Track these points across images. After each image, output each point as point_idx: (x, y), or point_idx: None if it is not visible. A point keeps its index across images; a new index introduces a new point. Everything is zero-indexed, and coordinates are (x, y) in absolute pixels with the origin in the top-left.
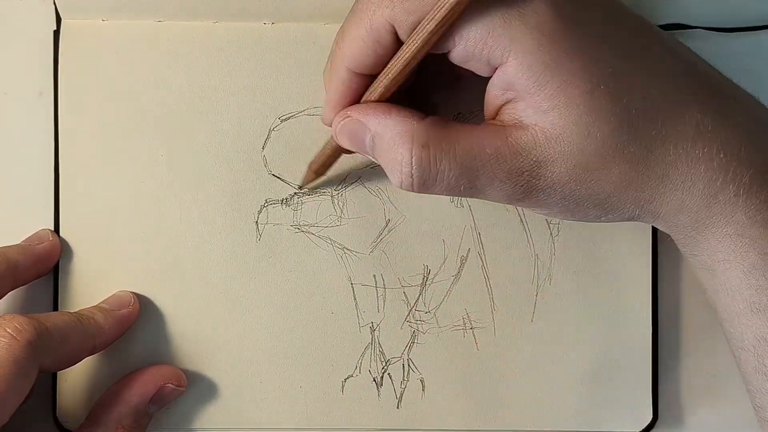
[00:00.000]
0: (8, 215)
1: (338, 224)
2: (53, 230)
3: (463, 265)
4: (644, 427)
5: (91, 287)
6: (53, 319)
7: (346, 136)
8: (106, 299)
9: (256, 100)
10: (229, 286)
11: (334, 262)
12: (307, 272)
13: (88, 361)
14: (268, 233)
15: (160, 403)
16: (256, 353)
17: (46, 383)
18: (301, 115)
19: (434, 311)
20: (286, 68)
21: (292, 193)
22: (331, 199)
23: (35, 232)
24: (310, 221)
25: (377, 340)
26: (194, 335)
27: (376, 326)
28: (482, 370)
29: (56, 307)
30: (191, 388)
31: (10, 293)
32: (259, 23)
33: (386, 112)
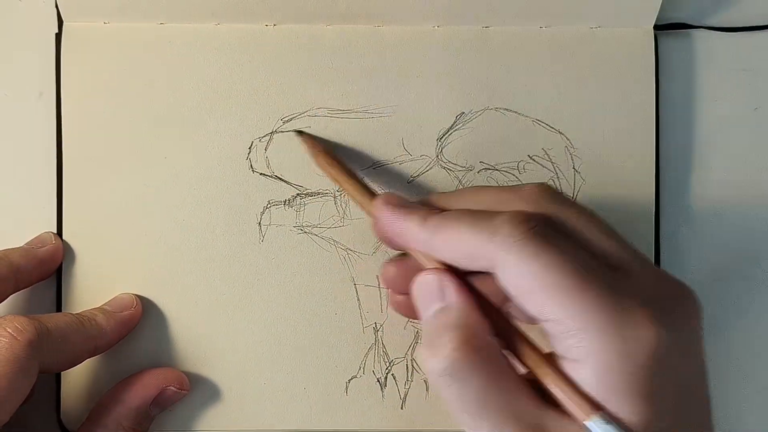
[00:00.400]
0: (11, 217)
1: (341, 225)
2: (56, 233)
3: None
4: None
5: (93, 289)
6: (54, 319)
7: (418, 290)
8: (108, 301)
9: (258, 101)
10: (232, 287)
11: (337, 262)
12: (310, 273)
13: (91, 362)
14: (271, 234)
15: (161, 405)
16: (259, 355)
17: (49, 384)
18: (303, 116)
19: None
20: (288, 70)
21: (294, 194)
22: (333, 200)
23: (38, 235)
24: (312, 222)
25: (381, 340)
26: (197, 337)
27: (379, 327)
28: None
29: (59, 309)
30: (195, 389)
31: (12, 296)
32: (261, 25)
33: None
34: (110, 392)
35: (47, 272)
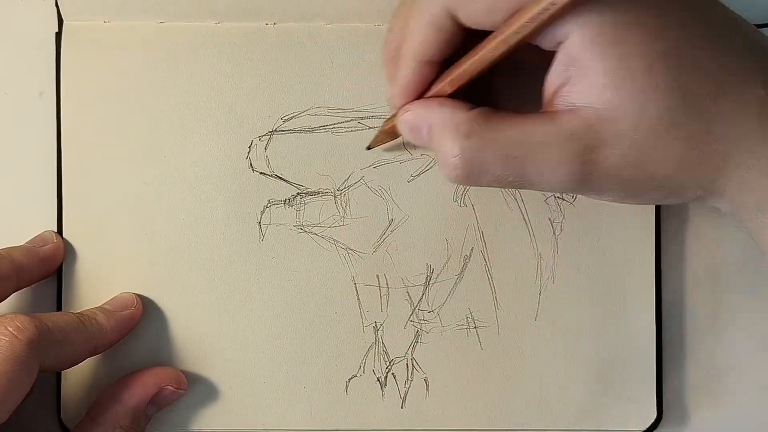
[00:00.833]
0: (11, 216)
1: (341, 224)
2: (56, 232)
3: (466, 264)
4: (648, 425)
5: (94, 288)
6: (55, 318)
7: (407, 129)
8: (109, 300)
9: (258, 100)
10: (232, 286)
11: (337, 262)
12: (310, 272)
13: (91, 361)
14: (271, 234)
15: (159, 405)
16: (259, 354)
17: (49, 383)
18: (303, 115)
19: (438, 311)
20: (288, 69)
21: (294, 193)
22: (333, 199)
23: (39, 233)
24: (313, 221)
25: (381, 339)
26: (197, 336)
27: (379, 326)
28: (486, 369)
29: (60, 307)
30: (195, 389)
31: (13, 294)
32: (260, 24)
33: (442, 104)
34: (108, 391)
35: (49, 271)
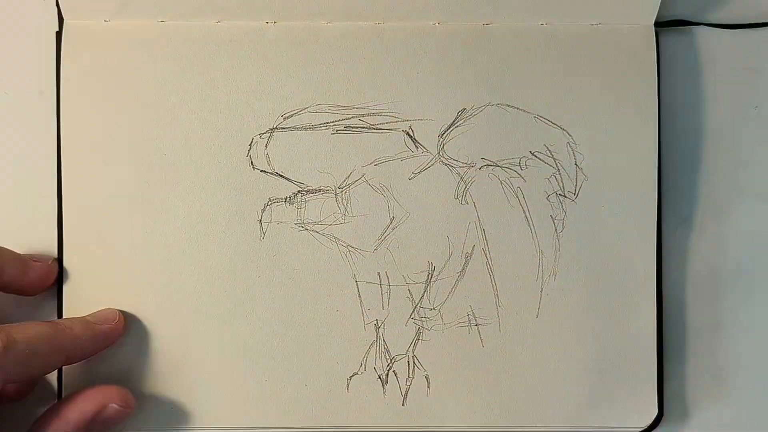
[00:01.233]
0: (11, 215)
1: (342, 222)
2: (55, 258)
3: (467, 261)
4: (649, 423)
5: (95, 286)
6: (25, 330)
7: None
8: (92, 313)
9: (258, 98)
10: (233, 284)
11: (338, 259)
12: (311, 270)
13: (94, 358)
14: (272, 232)
15: (105, 423)
16: (260, 352)
17: (51, 382)
18: (303, 112)
19: (439, 308)
20: (288, 66)
21: (295, 191)
22: (334, 196)
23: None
24: (314, 219)
25: (382, 337)
26: (198, 334)
27: (380, 324)
28: (487, 366)
29: (61, 305)
30: (196, 386)
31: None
32: (261, 22)
33: None
34: (53, 406)
35: (44, 288)
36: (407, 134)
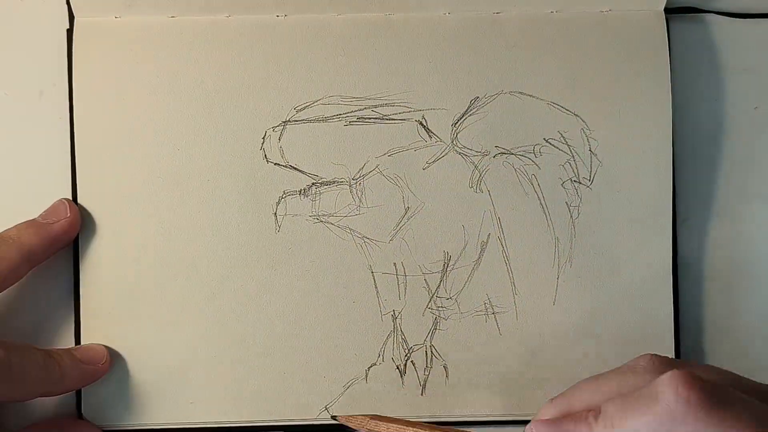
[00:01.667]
0: (28, 203)
1: (357, 213)
2: (70, 199)
3: (483, 250)
4: None
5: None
6: (23, 354)
7: None
8: (81, 348)
9: (270, 91)
10: (249, 278)
11: (354, 251)
12: (327, 262)
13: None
14: (287, 224)
15: None
16: (278, 345)
17: None
18: (316, 104)
19: (456, 297)
20: (300, 59)
21: (309, 183)
22: (349, 188)
23: (52, 205)
24: (328, 211)
25: (399, 327)
26: (215, 328)
27: (398, 314)
28: (505, 354)
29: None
30: (212, 381)
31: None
32: (272, 16)
33: None
34: None
35: (63, 246)
36: (420, 124)
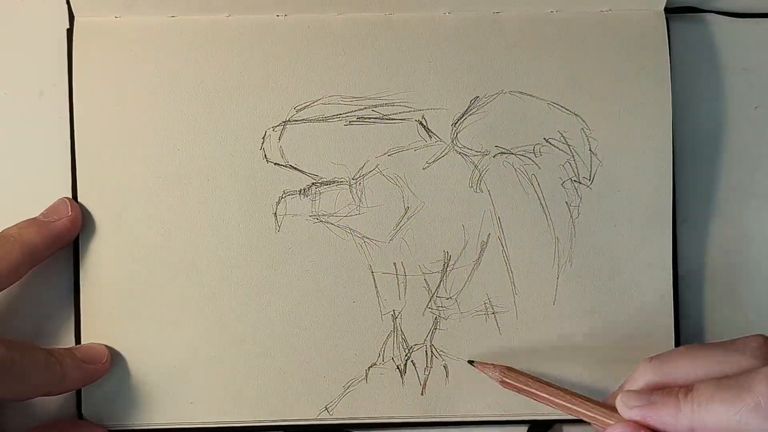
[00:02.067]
0: (28, 202)
1: (357, 213)
2: (71, 198)
3: (483, 250)
4: None
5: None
6: (24, 352)
7: None
8: (82, 348)
9: (270, 91)
10: (248, 277)
11: (354, 251)
12: (327, 262)
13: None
14: (286, 224)
15: None
16: (277, 344)
17: None
18: (316, 104)
19: (456, 297)
20: (300, 59)
21: (309, 183)
22: (348, 188)
23: (53, 203)
24: (328, 211)
25: (399, 327)
26: (215, 328)
27: (398, 314)
28: (505, 354)
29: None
30: (212, 381)
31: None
32: (271, 15)
33: None
34: None
35: (65, 244)
36: (420, 124)
